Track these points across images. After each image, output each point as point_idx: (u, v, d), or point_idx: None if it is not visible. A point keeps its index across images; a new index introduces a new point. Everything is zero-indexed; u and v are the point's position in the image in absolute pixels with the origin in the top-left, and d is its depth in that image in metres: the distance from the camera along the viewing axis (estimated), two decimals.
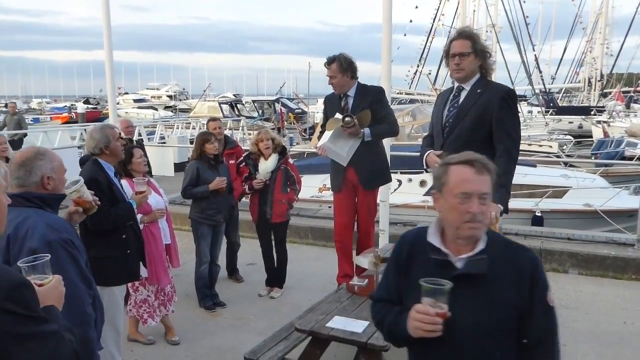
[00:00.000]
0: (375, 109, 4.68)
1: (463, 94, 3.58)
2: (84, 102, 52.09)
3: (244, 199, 6.38)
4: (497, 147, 3.42)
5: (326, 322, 3.20)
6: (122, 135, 5.60)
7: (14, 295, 1.46)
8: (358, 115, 4.61)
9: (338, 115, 4.70)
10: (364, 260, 3.92)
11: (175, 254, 4.74)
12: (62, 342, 1.61)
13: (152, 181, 4.65)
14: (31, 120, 42.14)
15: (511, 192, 3.58)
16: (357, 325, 3.13)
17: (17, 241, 2.14)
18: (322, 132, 5.02)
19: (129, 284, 4.23)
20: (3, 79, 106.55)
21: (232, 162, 5.79)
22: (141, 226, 4.02)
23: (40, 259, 1.77)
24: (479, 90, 3.49)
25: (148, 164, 4.91)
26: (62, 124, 35.18)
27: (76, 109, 44.43)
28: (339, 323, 3.17)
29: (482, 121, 3.44)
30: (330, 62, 4.71)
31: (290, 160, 5.69)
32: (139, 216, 4.03)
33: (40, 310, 1.59)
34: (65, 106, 52.59)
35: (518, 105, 3.53)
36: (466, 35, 3.55)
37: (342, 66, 4.69)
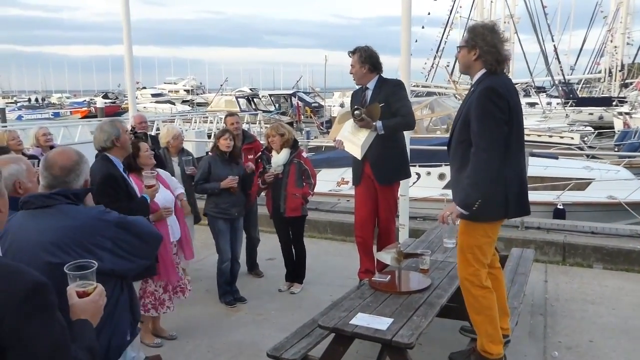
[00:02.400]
0: (390, 102, 4.66)
1: None
2: (103, 97, 52.68)
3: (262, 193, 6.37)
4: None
5: (349, 319, 3.16)
6: (137, 130, 5.64)
7: (30, 297, 1.44)
8: (367, 108, 4.59)
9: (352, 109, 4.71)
10: (386, 256, 3.87)
11: (188, 246, 4.69)
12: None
13: (161, 174, 4.56)
14: (52, 115, 42.87)
15: (532, 190, 3.44)
16: (382, 323, 3.08)
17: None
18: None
19: None
20: (23, 74, 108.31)
21: (250, 157, 5.77)
22: None
23: (90, 267, 1.74)
24: (472, 89, 3.33)
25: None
26: (82, 118, 35.63)
27: (95, 103, 44.99)
28: (362, 320, 3.13)
29: (467, 121, 3.24)
30: (353, 52, 4.87)
31: (304, 154, 5.65)
32: None
33: (59, 315, 1.53)
34: (85, 101, 53.27)
35: (496, 100, 3.11)
36: (467, 28, 3.45)
37: (361, 57, 4.80)
